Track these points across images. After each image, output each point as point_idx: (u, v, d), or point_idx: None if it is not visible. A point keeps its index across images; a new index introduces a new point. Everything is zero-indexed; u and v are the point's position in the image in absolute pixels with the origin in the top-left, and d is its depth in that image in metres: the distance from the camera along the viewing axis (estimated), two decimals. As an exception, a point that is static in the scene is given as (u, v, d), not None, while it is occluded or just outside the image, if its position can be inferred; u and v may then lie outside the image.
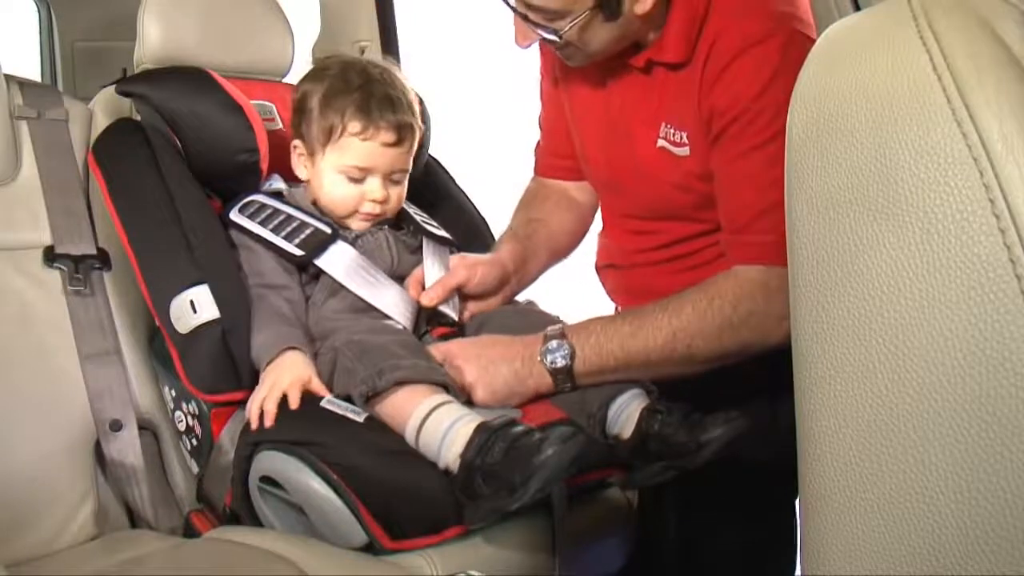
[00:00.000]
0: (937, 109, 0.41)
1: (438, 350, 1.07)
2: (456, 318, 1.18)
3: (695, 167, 1.10)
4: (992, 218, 0.40)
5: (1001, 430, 0.39)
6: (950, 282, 0.41)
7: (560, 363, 1.04)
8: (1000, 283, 0.39)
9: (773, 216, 0.99)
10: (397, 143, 1.16)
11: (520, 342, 1.07)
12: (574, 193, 1.34)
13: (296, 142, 1.21)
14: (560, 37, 1.05)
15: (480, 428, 0.92)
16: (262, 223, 1.16)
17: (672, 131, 1.11)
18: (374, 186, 1.17)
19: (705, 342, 1.04)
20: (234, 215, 1.18)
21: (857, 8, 0.86)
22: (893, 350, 0.43)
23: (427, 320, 1.18)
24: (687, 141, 1.10)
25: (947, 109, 0.41)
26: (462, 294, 1.20)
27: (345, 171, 1.16)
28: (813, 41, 0.97)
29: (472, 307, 1.21)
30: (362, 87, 1.16)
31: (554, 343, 1.05)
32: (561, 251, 1.33)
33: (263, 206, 1.18)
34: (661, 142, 1.12)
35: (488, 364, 1.05)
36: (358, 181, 1.17)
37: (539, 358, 1.05)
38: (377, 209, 1.18)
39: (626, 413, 1.05)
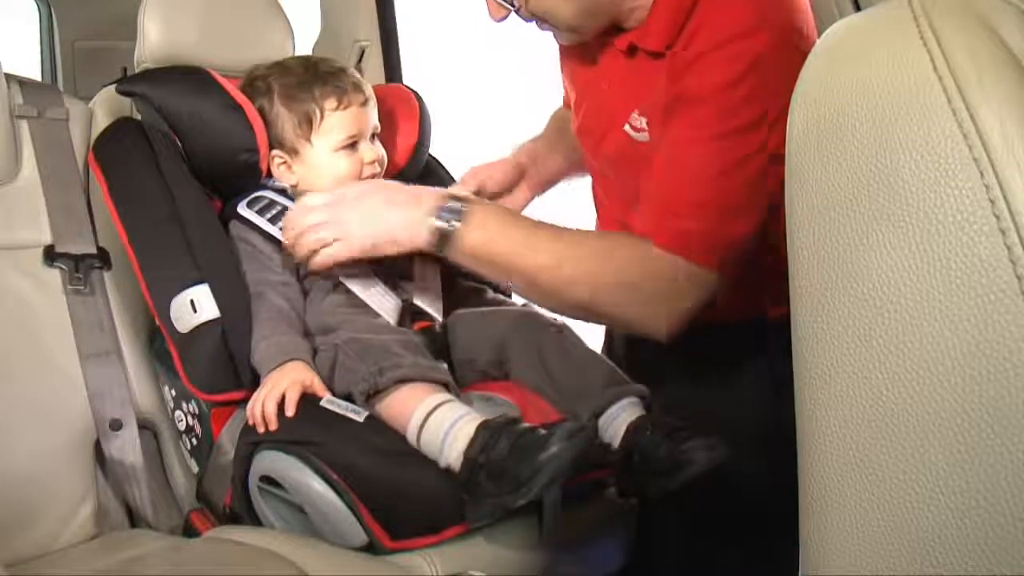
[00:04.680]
0: (938, 109, 0.41)
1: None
2: (440, 317, 1.18)
3: (652, 154, 1.07)
4: (993, 218, 0.40)
5: (1001, 430, 0.39)
6: (950, 282, 0.41)
7: (445, 227, 1.01)
8: (1001, 283, 0.39)
9: (707, 211, 0.97)
10: (366, 101, 1.22)
11: (417, 192, 1.05)
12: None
13: (273, 152, 1.22)
14: (516, 8, 1.04)
15: (484, 425, 0.92)
16: (271, 220, 1.16)
17: (636, 117, 1.09)
18: (367, 148, 1.21)
19: (590, 294, 1.00)
20: (242, 209, 1.18)
21: (857, 8, 0.86)
22: (893, 350, 0.43)
23: (411, 317, 1.18)
24: (646, 127, 1.08)
25: (948, 109, 0.41)
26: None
27: (341, 146, 1.19)
28: (803, 44, 0.97)
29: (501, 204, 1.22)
30: (307, 69, 1.23)
31: (449, 206, 1.01)
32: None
33: (272, 202, 1.19)
34: (626, 127, 1.10)
35: (374, 208, 1.04)
36: (353, 152, 1.20)
37: (431, 213, 1.01)
38: (377, 169, 1.22)
39: (616, 424, 1.04)
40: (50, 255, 1.19)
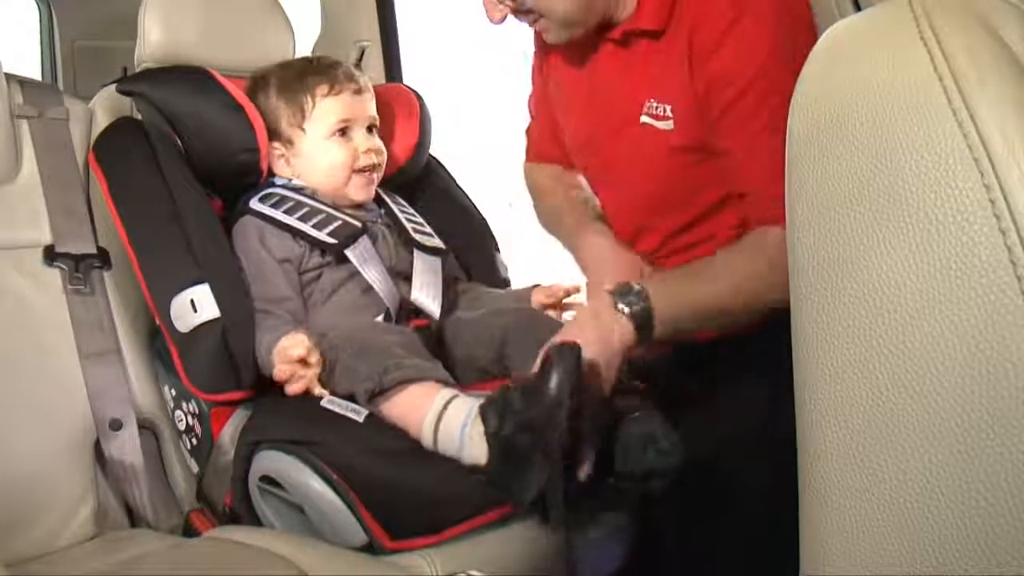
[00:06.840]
0: (938, 109, 0.41)
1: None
2: (437, 315, 1.18)
3: (679, 141, 1.08)
4: (993, 219, 0.40)
5: (1001, 430, 0.39)
6: (951, 282, 0.41)
7: (635, 306, 1.00)
8: (1001, 284, 0.39)
9: None
10: (360, 90, 1.23)
11: (592, 300, 1.06)
12: (567, 178, 1.33)
13: (272, 145, 1.23)
14: (514, 6, 1.05)
15: (484, 404, 0.92)
16: (287, 212, 1.17)
17: (655, 105, 1.09)
18: (361, 137, 1.22)
19: (768, 299, 1.01)
20: (255, 204, 1.18)
21: (858, 8, 0.86)
22: (893, 350, 0.43)
23: (407, 314, 1.18)
24: (671, 114, 1.08)
25: (948, 109, 0.41)
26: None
27: (332, 132, 1.20)
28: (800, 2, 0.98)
29: None
30: (303, 64, 1.26)
31: (625, 288, 1.01)
32: None
33: (284, 198, 1.19)
34: (644, 118, 1.10)
35: (578, 334, 0.99)
36: (346, 139, 1.21)
37: (614, 306, 1.00)
38: (374, 159, 1.22)
39: None
40: (50, 255, 1.19)
